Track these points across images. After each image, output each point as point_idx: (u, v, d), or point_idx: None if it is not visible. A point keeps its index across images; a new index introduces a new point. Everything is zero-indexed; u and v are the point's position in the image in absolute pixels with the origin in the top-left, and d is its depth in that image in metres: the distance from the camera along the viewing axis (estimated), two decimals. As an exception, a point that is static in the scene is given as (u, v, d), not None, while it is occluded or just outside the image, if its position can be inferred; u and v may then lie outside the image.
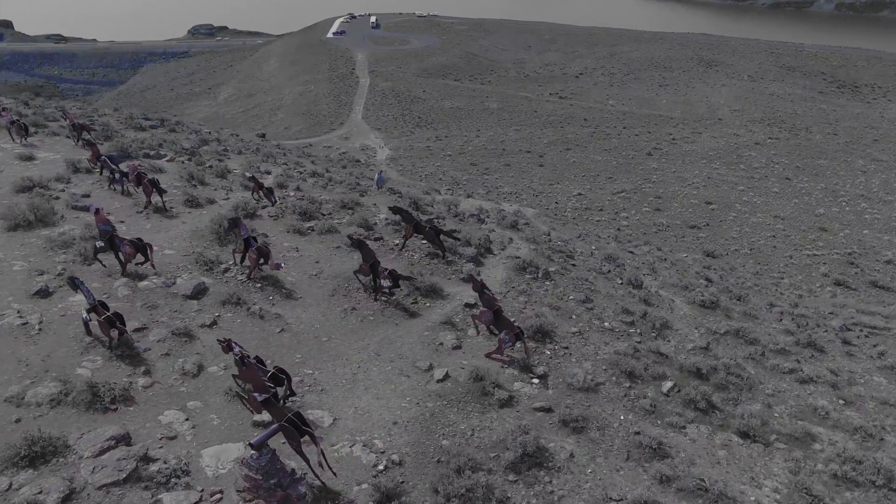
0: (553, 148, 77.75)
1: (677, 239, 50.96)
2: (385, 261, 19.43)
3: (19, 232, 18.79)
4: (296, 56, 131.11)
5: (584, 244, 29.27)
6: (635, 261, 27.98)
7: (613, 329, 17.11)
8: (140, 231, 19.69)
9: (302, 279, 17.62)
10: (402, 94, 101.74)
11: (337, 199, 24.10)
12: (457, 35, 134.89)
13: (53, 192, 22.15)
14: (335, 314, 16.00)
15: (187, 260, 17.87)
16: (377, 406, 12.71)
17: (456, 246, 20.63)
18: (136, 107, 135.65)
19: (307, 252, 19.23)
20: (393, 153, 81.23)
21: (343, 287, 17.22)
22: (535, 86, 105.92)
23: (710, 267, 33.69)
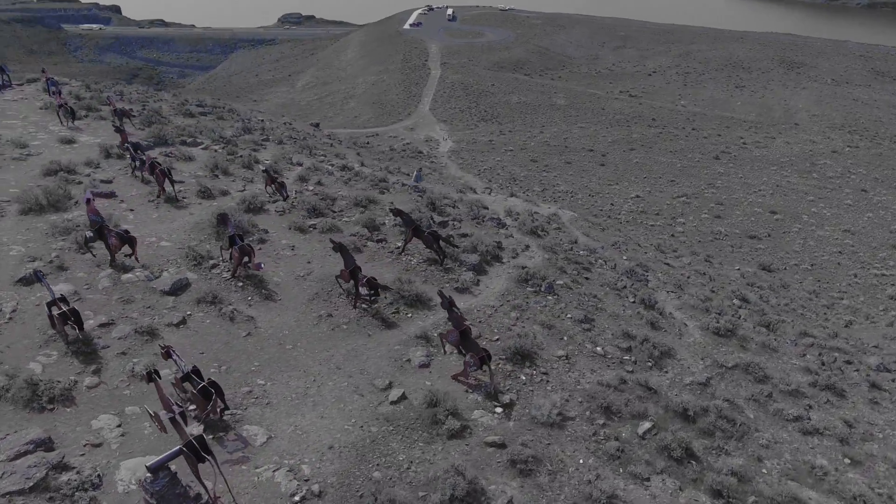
0: (616, 147, 74.86)
1: (733, 249, 47.95)
2: (382, 264, 18.55)
3: (30, 216, 18.87)
4: (372, 46, 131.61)
5: (617, 253, 27.48)
6: (667, 275, 26.03)
7: (606, 355, 15.62)
8: (146, 220, 19.50)
9: (288, 280, 16.90)
10: (470, 86, 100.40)
11: (353, 196, 23.30)
12: (531, 29, 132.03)
13: (79, 176, 22.29)
14: (309, 320, 15.19)
15: (180, 253, 17.45)
16: (319, 426, 11.81)
17: (458, 253, 19.48)
18: (220, 91, 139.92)
19: (302, 251, 18.51)
20: (455, 146, 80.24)
21: (326, 291, 16.40)
22: (605, 83, 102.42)
23: (754, 284, 31.18)
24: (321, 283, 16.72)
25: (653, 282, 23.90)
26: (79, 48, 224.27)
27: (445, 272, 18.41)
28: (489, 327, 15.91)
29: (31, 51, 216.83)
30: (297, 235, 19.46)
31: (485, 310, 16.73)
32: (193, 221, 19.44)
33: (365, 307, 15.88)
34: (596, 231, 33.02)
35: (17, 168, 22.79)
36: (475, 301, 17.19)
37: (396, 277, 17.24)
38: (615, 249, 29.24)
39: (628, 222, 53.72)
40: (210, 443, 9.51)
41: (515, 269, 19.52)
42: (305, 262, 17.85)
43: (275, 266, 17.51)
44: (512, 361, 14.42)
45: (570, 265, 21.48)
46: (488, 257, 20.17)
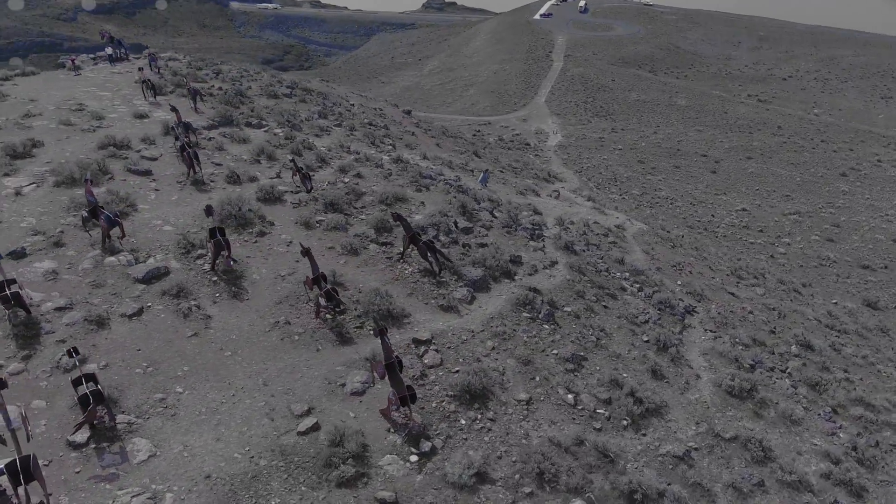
0: (732, 154, 68.53)
1: (838, 279, 42.25)
2: (374, 270, 17.18)
3: (60, 189, 19.18)
4: (501, 35, 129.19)
5: (670, 277, 24.41)
6: (722, 308, 22.72)
7: (577, 405, 13.38)
8: (164, 202, 19.29)
9: (267, 278, 15.94)
10: (590, 81, 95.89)
11: (383, 193, 22.01)
12: (664, 24, 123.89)
13: (129, 152, 22.59)
14: (263, 326, 14.13)
15: (176, 240, 16.98)
16: (210, 449, 10.72)
17: (460, 266, 17.70)
18: (354, 71, 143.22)
19: (296, 248, 17.49)
20: (564, 140, 76.99)
21: (297, 295, 15.26)
22: (734, 85, 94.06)
23: (837, 327, 26.71)
24: (298, 286, 15.62)
25: (698, 316, 20.88)
26: (243, 24, 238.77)
27: (437, 286, 16.72)
28: (456, 355, 14.14)
29: (203, 25, 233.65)
30: (300, 231, 18.48)
31: (461, 334, 14.93)
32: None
33: (329, 317, 14.61)
34: (663, 248, 29.72)
35: (82, 139, 23.46)
36: (456, 323, 15.42)
37: (376, 288, 15.81)
38: (674, 271, 26.09)
39: (725, 237, 48.89)
40: (35, 465, 8.64)
41: (521, 290, 17.45)
42: (294, 261, 16.80)
43: (262, 262, 16.63)
44: (458, 400, 12.62)
45: (592, 289, 19.06)
46: (497, 273, 18.21)
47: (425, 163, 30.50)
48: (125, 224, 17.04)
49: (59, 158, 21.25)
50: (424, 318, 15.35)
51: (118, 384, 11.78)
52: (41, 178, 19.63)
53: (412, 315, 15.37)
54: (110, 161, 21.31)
